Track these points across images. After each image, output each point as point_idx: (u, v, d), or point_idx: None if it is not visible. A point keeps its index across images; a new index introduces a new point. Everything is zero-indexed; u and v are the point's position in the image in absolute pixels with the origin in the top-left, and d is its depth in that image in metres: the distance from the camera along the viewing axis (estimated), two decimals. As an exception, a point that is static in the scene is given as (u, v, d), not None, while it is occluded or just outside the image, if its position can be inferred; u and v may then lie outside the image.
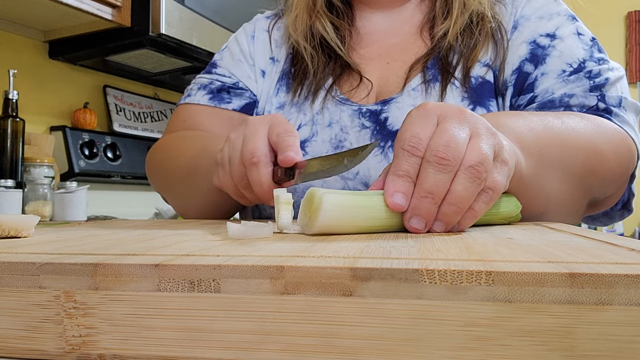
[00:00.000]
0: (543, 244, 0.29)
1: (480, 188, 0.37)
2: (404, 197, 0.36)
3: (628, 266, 0.21)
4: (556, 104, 0.61)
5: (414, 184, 0.37)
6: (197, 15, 1.56)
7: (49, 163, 1.32)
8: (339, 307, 0.21)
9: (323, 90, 0.71)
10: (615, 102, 0.60)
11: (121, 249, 0.28)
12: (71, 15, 1.42)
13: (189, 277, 0.22)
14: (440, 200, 0.36)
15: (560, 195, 0.54)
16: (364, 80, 0.71)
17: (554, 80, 0.62)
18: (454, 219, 0.37)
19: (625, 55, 3.37)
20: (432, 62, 0.68)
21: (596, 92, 0.60)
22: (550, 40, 0.64)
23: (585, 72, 0.61)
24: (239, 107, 0.76)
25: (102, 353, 0.23)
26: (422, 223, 0.36)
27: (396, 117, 0.66)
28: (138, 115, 1.92)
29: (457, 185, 0.36)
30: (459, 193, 0.36)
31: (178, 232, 0.41)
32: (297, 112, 0.72)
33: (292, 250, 0.27)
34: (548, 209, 0.53)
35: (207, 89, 0.77)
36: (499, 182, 0.38)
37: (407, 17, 0.74)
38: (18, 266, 0.24)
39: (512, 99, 0.64)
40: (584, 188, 0.56)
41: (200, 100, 0.77)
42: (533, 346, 0.20)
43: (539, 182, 0.50)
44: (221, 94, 0.77)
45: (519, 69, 0.64)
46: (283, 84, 0.75)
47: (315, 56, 0.73)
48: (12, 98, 1.23)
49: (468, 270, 0.20)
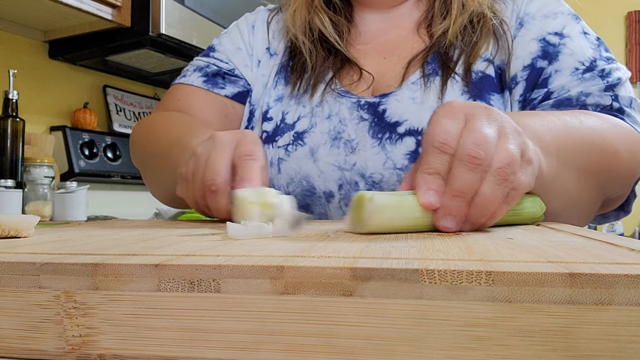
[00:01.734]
0: (543, 244, 0.29)
1: (507, 190, 0.37)
2: (436, 195, 0.36)
3: (628, 266, 0.21)
4: (573, 103, 0.61)
5: (444, 181, 0.37)
6: (197, 15, 1.56)
7: (49, 163, 1.32)
8: (339, 307, 0.21)
9: (323, 83, 0.71)
10: (627, 103, 0.61)
11: (121, 249, 0.28)
12: (71, 15, 1.42)
13: (189, 277, 0.22)
14: (469, 199, 0.36)
15: (578, 194, 0.54)
16: (364, 73, 0.71)
17: (568, 78, 0.62)
18: (481, 220, 0.37)
19: (625, 55, 3.37)
20: (432, 57, 0.68)
21: (610, 92, 0.61)
22: (560, 39, 0.65)
23: (598, 71, 0.62)
24: (231, 94, 0.76)
25: (102, 353, 0.23)
26: (453, 222, 0.37)
27: (394, 109, 0.66)
28: (138, 115, 1.92)
29: (485, 188, 0.36)
30: (487, 196, 0.36)
31: (178, 232, 0.41)
32: (296, 105, 0.72)
33: (292, 250, 0.27)
34: (566, 208, 0.54)
35: (203, 72, 0.77)
36: (524, 182, 0.39)
37: (404, 16, 0.75)
38: (18, 266, 0.24)
39: (526, 93, 0.65)
40: (600, 187, 0.57)
41: (194, 81, 0.77)
42: (533, 346, 0.20)
43: (558, 182, 0.50)
44: (216, 78, 0.77)
45: (531, 65, 0.65)
46: (281, 76, 0.76)
47: (313, 51, 0.73)
48: (12, 98, 1.23)
49: (468, 270, 0.20)
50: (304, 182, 0.67)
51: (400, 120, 0.65)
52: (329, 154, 0.66)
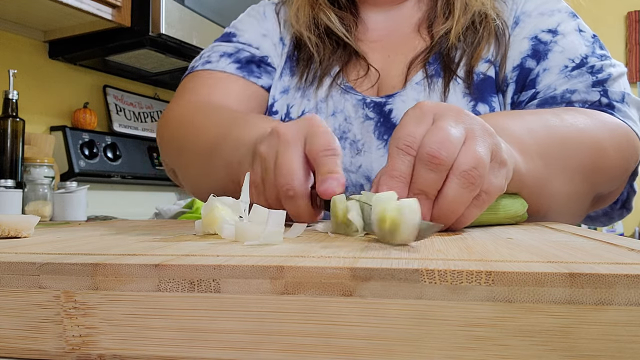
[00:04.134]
0: (543, 244, 0.29)
1: (474, 193, 0.36)
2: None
3: (628, 266, 0.21)
4: (558, 100, 0.60)
5: (407, 184, 0.36)
6: (197, 15, 1.56)
7: (49, 163, 1.32)
8: (339, 307, 0.21)
9: (329, 77, 0.70)
10: (618, 98, 0.60)
11: (121, 249, 0.28)
12: (71, 15, 1.42)
13: (189, 277, 0.22)
14: (433, 198, 0.36)
15: (564, 194, 0.53)
16: (371, 69, 0.70)
17: (556, 76, 0.61)
18: (448, 222, 0.37)
19: (625, 55, 3.37)
20: (434, 58, 0.68)
21: (599, 87, 0.60)
22: (552, 36, 0.64)
23: (588, 67, 0.61)
24: (267, 85, 0.71)
25: (102, 353, 0.23)
26: None
27: (401, 110, 0.65)
28: (138, 115, 1.92)
29: (448, 189, 0.36)
30: (451, 198, 0.35)
31: (178, 232, 0.41)
32: (302, 98, 0.70)
33: (292, 250, 0.27)
34: (552, 209, 0.53)
35: (234, 58, 0.70)
36: (495, 185, 0.38)
37: (406, 15, 0.75)
38: (18, 266, 0.24)
39: (514, 95, 0.64)
40: (587, 185, 0.56)
41: (225, 68, 0.69)
42: (533, 346, 0.20)
43: (542, 184, 0.50)
44: (250, 65, 0.70)
45: (520, 65, 0.64)
46: (287, 67, 0.74)
47: (320, 44, 0.71)
48: (12, 98, 1.23)
49: (468, 270, 0.20)
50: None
51: None
52: None
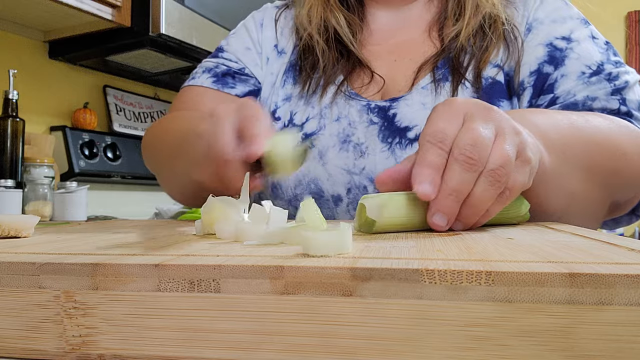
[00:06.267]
0: (543, 244, 0.29)
1: (499, 191, 0.37)
2: (431, 185, 0.37)
3: (628, 266, 0.21)
4: (579, 107, 0.61)
5: (440, 175, 0.37)
6: (197, 15, 1.56)
7: (49, 163, 1.32)
8: (339, 307, 0.21)
9: (333, 85, 0.71)
10: (635, 106, 0.61)
11: (121, 249, 0.28)
12: (71, 15, 1.42)
13: (189, 277, 0.22)
14: (463, 199, 0.37)
15: (582, 194, 0.53)
16: (375, 76, 0.70)
17: (574, 82, 0.62)
18: (472, 220, 0.38)
19: (625, 55, 3.37)
20: (443, 62, 0.67)
21: (617, 95, 0.60)
22: (567, 43, 0.64)
23: (605, 74, 0.61)
24: (242, 93, 0.75)
25: (102, 353, 0.23)
26: (444, 220, 0.37)
27: (405, 114, 0.65)
28: (138, 115, 1.92)
29: (478, 188, 0.37)
30: (479, 195, 0.37)
31: (178, 232, 0.41)
32: (305, 105, 0.71)
33: (292, 250, 0.27)
34: (570, 208, 0.53)
35: (212, 72, 0.77)
36: (519, 182, 0.39)
37: (415, 16, 0.74)
38: (18, 266, 0.24)
39: (532, 99, 0.64)
40: (607, 188, 0.56)
41: (204, 82, 0.76)
42: (533, 346, 0.20)
43: (562, 180, 0.50)
44: (226, 78, 0.76)
45: (538, 71, 0.64)
46: (290, 75, 0.75)
47: (326, 51, 0.72)
48: (12, 98, 1.23)
49: (468, 270, 0.20)
50: (312, 185, 0.67)
51: (410, 125, 0.64)
52: (337, 157, 0.66)
